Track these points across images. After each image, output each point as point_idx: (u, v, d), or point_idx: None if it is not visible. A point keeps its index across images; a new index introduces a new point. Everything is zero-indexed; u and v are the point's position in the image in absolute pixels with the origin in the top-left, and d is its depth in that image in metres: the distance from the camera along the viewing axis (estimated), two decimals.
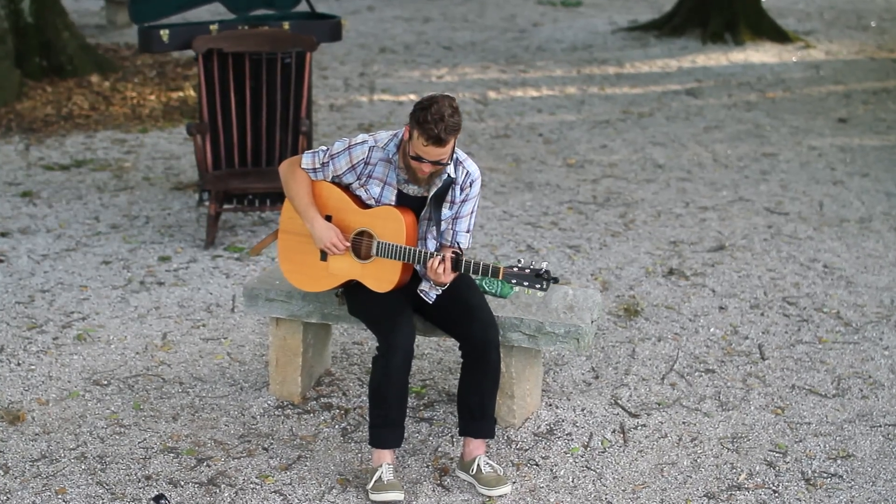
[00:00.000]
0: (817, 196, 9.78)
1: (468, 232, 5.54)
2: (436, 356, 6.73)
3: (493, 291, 5.93)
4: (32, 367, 6.47)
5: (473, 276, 5.50)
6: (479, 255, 8.02)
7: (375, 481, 5.31)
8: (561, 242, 8.50)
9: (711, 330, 7.16)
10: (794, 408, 6.23)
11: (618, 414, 6.13)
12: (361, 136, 5.48)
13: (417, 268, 5.49)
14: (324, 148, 5.57)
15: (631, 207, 9.38)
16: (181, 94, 12.56)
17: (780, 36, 16.55)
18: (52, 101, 11.94)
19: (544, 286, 5.20)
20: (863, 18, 18.79)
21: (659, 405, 6.23)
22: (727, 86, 13.95)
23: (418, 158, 5.21)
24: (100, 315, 7.15)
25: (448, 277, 5.29)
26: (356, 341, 6.89)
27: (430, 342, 6.87)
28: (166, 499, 5.04)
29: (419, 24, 17.72)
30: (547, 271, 5.20)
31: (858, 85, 14.20)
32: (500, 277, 5.22)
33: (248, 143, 8.72)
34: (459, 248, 5.46)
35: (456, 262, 5.27)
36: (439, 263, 5.26)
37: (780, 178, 10.26)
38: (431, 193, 5.40)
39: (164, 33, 8.47)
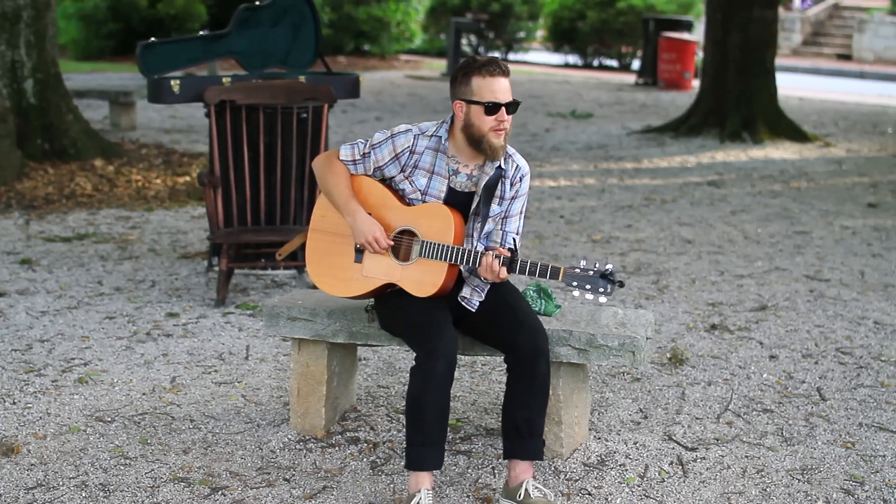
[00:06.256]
0: (857, 266, 9.30)
1: (518, 234, 5.06)
2: (469, 398, 6.19)
3: (538, 310, 5.42)
4: (29, 405, 5.93)
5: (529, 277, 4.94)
6: None
7: None
8: (593, 304, 7.97)
9: (764, 376, 6.63)
10: (865, 442, 5.68)
11: (673, 448, 5.57)
12: (403, 126, 5.05)
13: (463, 269, 4.98)
14: (362, 140, 5.11)
15: (663, 275, 8.89)
16: (188, 178, 12.13)
17: (798, 135, 16.23)
18: (53, 182, 11.48)
19: (608, 290, 4.70)
20: (878, 126, 18.51)
21: (717, 440, 5.67)
22: (749, 178, 13.56)
23: (494, 106, 4.82)
24: (103, 361, 6.62)
25: (504, 275, 4.79)
26: (382, 385, 6.35)
27: (462, 385, 6.33)
28: None
29: None
30: (613, 273, 4.70)
31: (883, 177, 13.81)
32: (560, 279, 4.72)
33: (262, 201, 8.25)
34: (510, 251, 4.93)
35: (510, 263, 4.77)
36: (494, 258, 4.76)
37: (816, 251, 9.79)
38: (483, 184, 4.93)
39: (175, 84, 8.07)
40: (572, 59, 31.73)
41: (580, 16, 30.21)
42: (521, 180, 5.06)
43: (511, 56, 32.59)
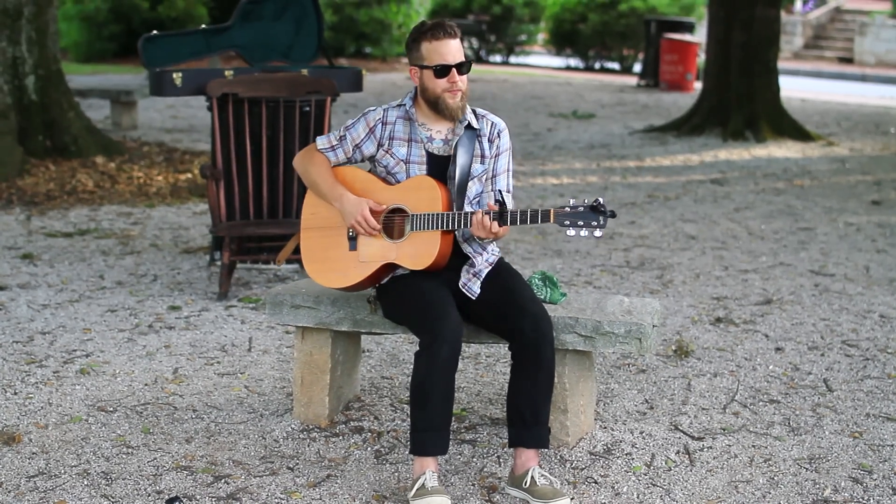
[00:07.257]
0: (862, 261, 9.25)
1: (509, 192, 5.09)
2: (473, 389, 6.14)
3: (543, 298, 5.37)
4: (30, 395, 5.88)
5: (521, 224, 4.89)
6: None
7: (418, 488, 4.70)
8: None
9: (770, 367, 6.58)
10: (872, 433, 5.63)
11: (680, 438, 5.53)
12: (374, 106, 5.09)
13: (458, 235, 4.96)
14: (336, 129, 5.15)
15: (667, 270, 8.84)
16: (189, 175, 12.09)
17: (801, 134, 16.19)
18: (55, 179, 11.44)
19: (601, 222, 4.69)
20: (881, 126, 18.46)
21: (724, 430, 5.62)
22: (753, 176, 13.51)
23: (443, 68, 4.89)
24: (105, 353, 6.57)
25: (497, 229, 4.79)
26: (385, 376, 6.31)
27: (466, 376, 6.29)
28: (181, 501, 4.42)
29: None
30: (603, 204, 4.68)
31: (887, 175, 13.77)
32: (552, 220, 4.70)
33: (264, 194, 8.21)
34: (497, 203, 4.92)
35: (501, 216, 4.76)
36: (484, 215, 4.75)
37: (821, 247, 9.75)
38: (455, 142, 4.98)
39: (178, 76, 8.02)
40: (574, 61, 31.68)
41: (581, 18, 30.18)
42: (499, 136, 5.11)
43: (512, 59, 32.59)
